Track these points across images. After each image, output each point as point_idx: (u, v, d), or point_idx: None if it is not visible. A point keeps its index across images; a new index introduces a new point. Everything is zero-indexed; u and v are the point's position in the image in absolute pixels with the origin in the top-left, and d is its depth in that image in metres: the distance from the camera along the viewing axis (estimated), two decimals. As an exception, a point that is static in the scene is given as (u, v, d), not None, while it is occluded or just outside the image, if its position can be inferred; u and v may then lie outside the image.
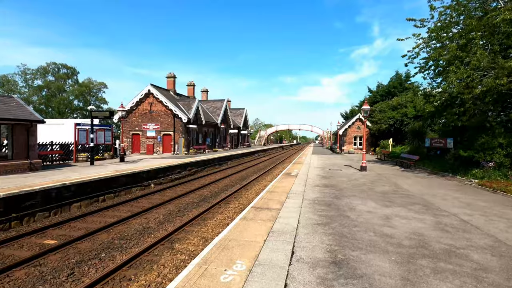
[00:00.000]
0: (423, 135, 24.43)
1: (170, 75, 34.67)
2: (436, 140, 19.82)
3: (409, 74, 39.71)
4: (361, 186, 11.17)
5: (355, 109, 57.71)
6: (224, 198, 12.84)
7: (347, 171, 16.52)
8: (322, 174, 14.86)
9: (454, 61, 14.64)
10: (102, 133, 22.30)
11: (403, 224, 6.11)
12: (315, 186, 10.85)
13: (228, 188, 15.89)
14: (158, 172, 16.49)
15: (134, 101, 30.48)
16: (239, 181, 18.51)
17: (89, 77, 51.98)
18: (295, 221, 6.16)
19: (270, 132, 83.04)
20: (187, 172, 20.00)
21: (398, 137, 33.40)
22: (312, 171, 16.30)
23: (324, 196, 8.82)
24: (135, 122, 30.92)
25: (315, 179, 12.69)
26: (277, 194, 9.17)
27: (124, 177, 13.51)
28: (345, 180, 12.54)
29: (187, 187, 15.99)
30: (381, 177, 14.05)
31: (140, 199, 12.78)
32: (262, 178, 19.54)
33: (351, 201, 8.13)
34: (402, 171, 17.18)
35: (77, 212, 10.44)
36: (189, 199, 12.83)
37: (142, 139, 30.77)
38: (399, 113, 32.84)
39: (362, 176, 14.41)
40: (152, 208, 11.06)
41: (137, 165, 17.55)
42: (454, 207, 7.85)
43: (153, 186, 15.55)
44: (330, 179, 12.87)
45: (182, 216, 10.25)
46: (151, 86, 30.05)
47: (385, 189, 10.61)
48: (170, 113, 29.87)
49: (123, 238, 7.86)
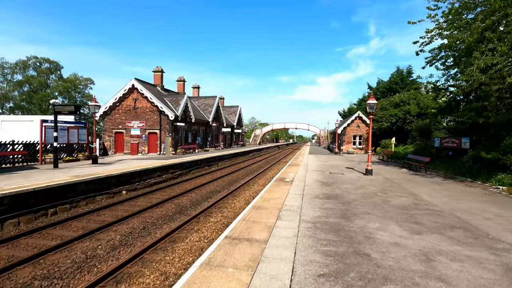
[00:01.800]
0: (430, 134, 22.44)
1: (157, 69, 32.29)
2: (448, 140, 17.78)
3: (411, 70, 37.80)
4: (372, 196, 9.02)
5: (353, 107, 55.76)
6: (205, 209, 10.65)
7: (350, 175, 14.39)
8: (322, 179, 12.71)
9: (477, 47, 12.55)
10: (76, 131, 19.95)
11: (457, 272, 3.92)
12: (315, 197, 8.67)
13: (213, 195, 13.70)
14: (133, 176, 14.22)
15: (117, 97, 28.08)
16: (227, 185, 16.32)
17: (75, 73, 49.30)
18: (288, 270, 3.93)
19: (266, 131, 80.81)
20: (169, 176, 17.74)
21: (401, 136, 31.46)
22: (310, 175, 14.14)
23: (328, 215, 6.62)
24: (119, 120, 28.53)
25: (315, 187, 10.52)
26: (265, 212, 6.92)
27: (85, 184, 11.23)
28: (350, 188, 10.38)
29: (166, 193, 13.76)
30: (391, 184, 11.93)
31: (103, 210, 10.51)
32: (254, 181, 17.35)
33: (366, 224, 5.97)
34: (412, 175, 15.10)
35: (11, 232, 8.15)
36: (162, 211, 10.60)
37: (126, 138, 28.40)
38: (401, 111, 30.87)
39: (369, 181, 12.27)
40: (113, 224, 8.83)
41: (110, 167, 15.26)
42: (508, 232, 5.73)
43: (125, 193, 13.29)
44: (332, 187, 10.72)
45: (146, 237, 8.04)
46: (135, 80, 27.67)
47: (403, 201, 8.47)
48: (156, 110, 27.54)
49: (49, 277, 5.62)
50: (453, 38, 13.22)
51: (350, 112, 54.41)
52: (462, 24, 13.37)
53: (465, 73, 13.06)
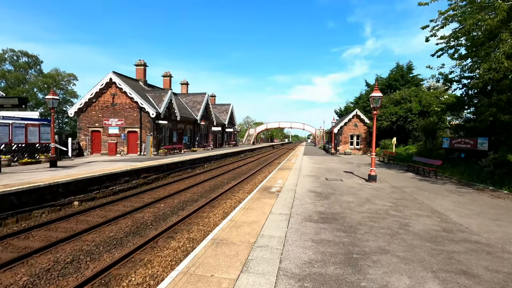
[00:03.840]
0: (435, 133, 20.33)
1: (139, 62, 29.77)
2: (460, 140, 15.65)
3: (411, 66, 35.75)
4: (383, 217, 6.76)
5: (350, 105, 53.68)
6: (169, 228, 8.36)
7: (350, 182, 12.15)
8: (317, 188, 10.41)
9: (502, 29, 10.37)
10: (36, 129, 17.44)
11: None
12: (306, 219, 6.36)
13: (187, 205, 11.40)
14: (90, 183, 11.82)
15: (93, 92, 25.53)
16: (208, 192, 14.01)
17: (56, 68, 46.39)
18: None
19: (260, 130, 78.44)
20: (142, 181, 15.36)
21: (401, 135, 29.38)
22: (303, 182, 11.87)
23: (325, 259, 4.16)
24: (95, 117, 25.98)
25: (307, 201, 8.22)
26: (227, 253, 4.42)
27: (16, 196, 8.81)
28: (353, 203, 8.09)
29: (130, 204, 11.41)
30: (402, 195, 9.70)
31: (34, 231, 8.11)
32: (240, 187, 15.04)
33: (388, 279, 3.66)
34: (422, 181, 12.92)
35: None
36: (113, 230, 8.26)
37: (103, 137, 25.88)
38: (402, 109, 28.78)
39: (374, 192, 10.03)
40: (30, 255, 6.45)
41: (66, 173, 12.83)
42: None
43: (77, 205, 10.88)
44: (330, 200, 8.43)
45: (67, 277, 5.68)
46: (113, 74, 25.15)
47: (427, 224, 6.22)
48: (136, 107, 25.06)
49: None
50: (473, 19, 11.00)
51: (347, 110, 52.34)
52: (483, 2, 11.17)
53: (488, 61, 10.87)
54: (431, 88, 33.79)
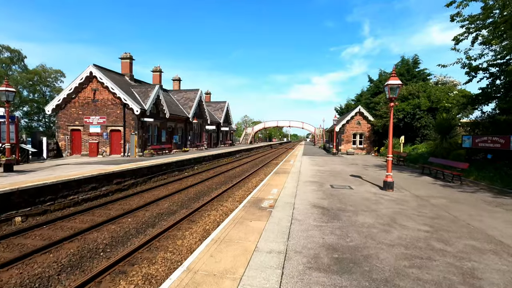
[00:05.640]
0: (450, 131, 18.14)
1: (124, 55, 27.43)
2: (485, 139, 13.46)
3: (417, 60, 33.55)
4: (429, 257, 4.48)
5: (351, 103, 51.55)
6: (120, 260, 6.12)
7: (362, 191, 9.93)
8: (322, 202, 8.15)
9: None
10: (-4, 127, 15.14)
11: None
12: (310, 265, 4.02)
13: (159, 221, 9.20)
14: (41, 192, 9.57)
15: (72, 87, 23.21)
16: (191, 201, 11.80)
17: (42, 64, 43.85)
18: None
19: (258, 129, 76.09)
20: (115, 187, 13.11)
21: (409, 134, 27.17)
22: (303, 192, 9.65)
23: None
24: (75, 115, 23.67)
25: (310, 225, 5.95)
26: None
27: None
28: (376, 228, 5.80)
29: (88, 219, 9.20)
30: (436, 211, 7.49)
31: None
32: (230, 194, 12.80)
33: None
34: (446, 188, 10.74)
35: None
36: (41, 265, 6.02)
37: (84, 136, 23.59)
38: (410, 105, 26.57)
39: (397, 206, 7.80)
40: None
41: (19, 178, 10.54)
42: None
43: (19, 221, 8.64)
44: (342, 222, 6.20)
45: None
46: (93, 67, 22.84)
47: (507, 273, 4.00)
48: (119, 103, 22.77)
49: None
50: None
51: (348, 108, 50.17)
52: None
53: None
54: (439, 83, 31.60)
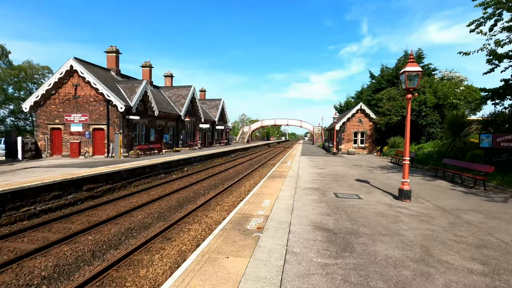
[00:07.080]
0: (464, 128, 16.51)
1: (110, 49, 25.59)
2: (510, 138, 11.84)
3: (421, 54, 31.87)
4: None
5: (351, 100, 49.93)
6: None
7: (374, 202, 8.25)
8: (326, 220, 6.42)
9: None
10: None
11: None
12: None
13: (126, 239, 7.51)
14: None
15: (51, 82, 21.36)
16: (171, 210, 10.08)
17: (29, 60, 41.87)
18: None
19: (255, 128, 74.27)
20: (86, 194, 11.36)
21: (413, 132, 25.56)
22: (302, 204, 7.95)
23: None
24: (55, 112, 21.84)
25: (311, 263, 4.19)
26: None
27: None
28: (407, 270, 3.97)
29: (40, 236, 7.50)
30: (478, 234, 5.83)
31: None
32: (218, 201, 11.08)
33: None
34: (470, 196, 9.11)
35: None
36: None
37: (64, 135, 21.77)
38: (415, 102, 24.94)
39: (424, 226, 6.11)
40: None
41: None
42: None
43: None
44: (355, 257, 4.50)
45: None
46: (74, 60, 20.99)
47: None
48: (102, 99, 20.97)
49: None
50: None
51: (347, 106, 48.56)
52: None
53: None
54: (445, 79, 30.00)
